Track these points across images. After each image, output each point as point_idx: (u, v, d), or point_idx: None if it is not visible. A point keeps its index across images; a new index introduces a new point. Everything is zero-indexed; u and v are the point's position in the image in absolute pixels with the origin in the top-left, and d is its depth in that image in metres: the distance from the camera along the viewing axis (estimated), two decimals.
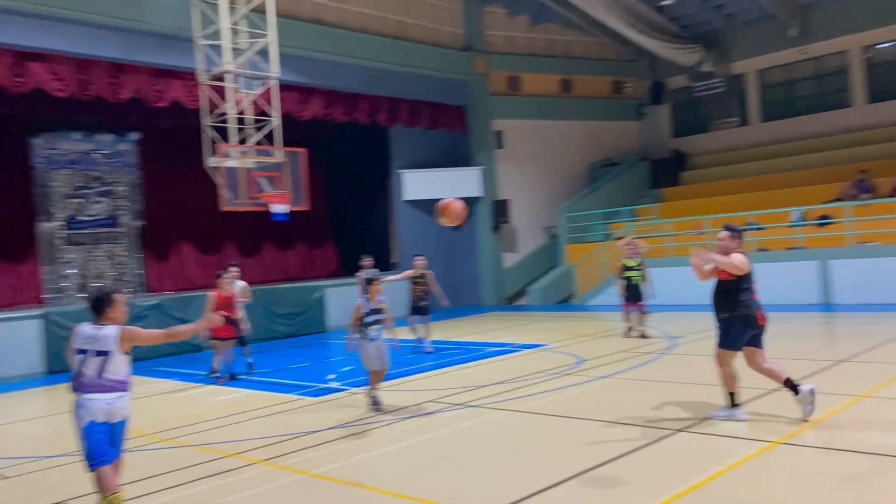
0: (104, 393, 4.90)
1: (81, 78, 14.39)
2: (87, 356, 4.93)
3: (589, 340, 12.69)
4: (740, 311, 6.49)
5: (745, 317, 6.49)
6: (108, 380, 4.93)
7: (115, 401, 4.94)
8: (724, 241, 6.68)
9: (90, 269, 18.04)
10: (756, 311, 6.54)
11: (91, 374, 4.91)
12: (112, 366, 4.94)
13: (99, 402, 4.88)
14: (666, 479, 5.22)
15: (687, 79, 23.43)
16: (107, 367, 4.92)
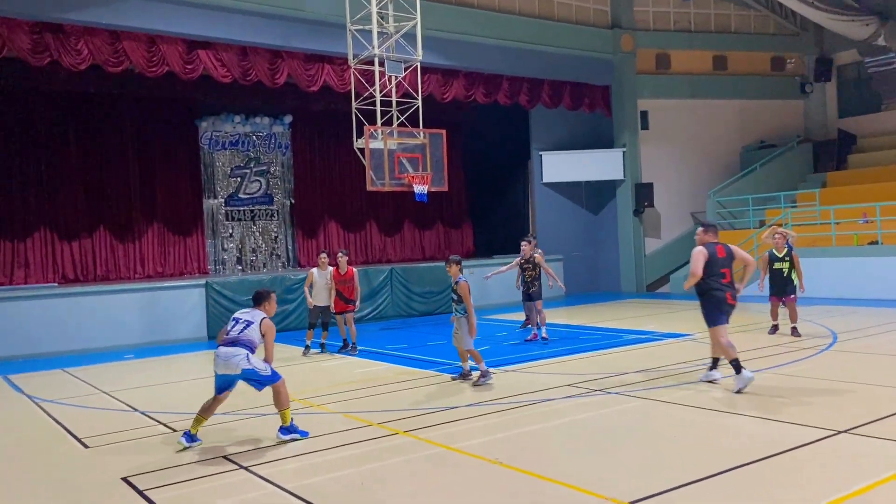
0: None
1: (243, 64, 15.40)
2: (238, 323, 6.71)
3: (737, 332, 11.97)
4: (710, 296, 7.76)
5: (716, 299, 7.73)
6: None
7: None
8: (698, 236, 8.12)
9: (247, 244, 19.39)
10: (724, 293, 7.72)
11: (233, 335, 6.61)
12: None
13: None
14: (826, 482, 4.84)
15: (858, 54, 21.36)
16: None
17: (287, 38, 15.54)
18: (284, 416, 6.54)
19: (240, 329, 6.57)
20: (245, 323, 6.61)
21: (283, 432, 6.52)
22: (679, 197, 21.76)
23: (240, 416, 7.60)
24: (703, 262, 7.76)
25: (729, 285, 7.86)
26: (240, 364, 6.40)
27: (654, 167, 21.33)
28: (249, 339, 6.51)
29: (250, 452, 6.21)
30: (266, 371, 6.51)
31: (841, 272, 16.44)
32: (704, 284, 7.77)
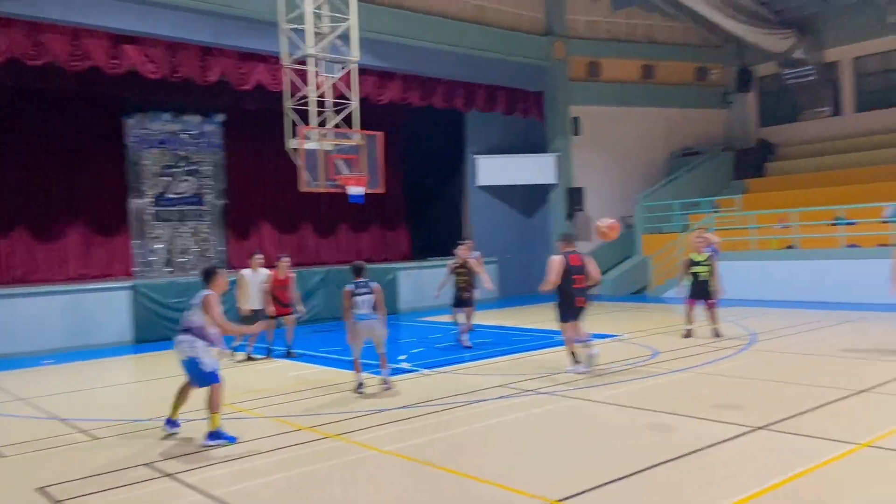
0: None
1: (172, 60, 14.98)
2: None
3: (664, 333, 12.40)
4: (563, 298, 9.02)
5: (568, 300, 9.00)
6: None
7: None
8: (558, 245, 9.39)
9: (176, 245, 18.86)
10: (575, 296, 9.04)
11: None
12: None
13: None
14: (744, 477, 5.07)
15: (776, 66, 22.43)
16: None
17: (218, 34, 15.21)
18: (214, 420, 6.47)
19: (190, 315, 6.73)
20: (192, 307, 6.75)
21: (209, 438, 6.41)
22: (609, 201, 22.32)
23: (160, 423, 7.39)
24: (558, 269, 8.91)
25: (581, 290, 9.07)
26: (185, 350, 6.56)
27: (585, 172, 21.83)
28: (196, 323, 6.60)
29: (176, 459, 6.06)
30: (207, 367, 6.53)
31: (760, 275, 17.22)
32: (560, 288, 8.99)
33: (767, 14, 21.09)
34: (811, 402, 6.99)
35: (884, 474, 5.06)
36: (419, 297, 17.93)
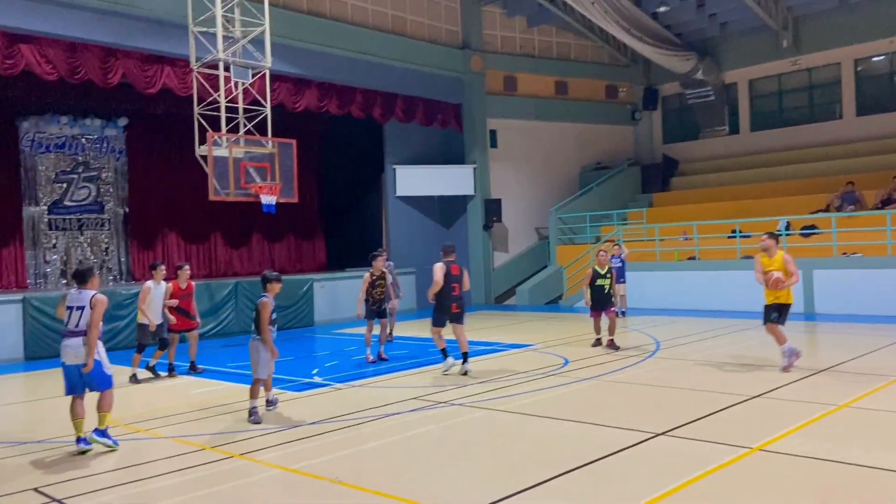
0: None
1: (71, 61, 14.25)
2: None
3: (575, 342, 12.70)
4: (440, 303, 9.82)
5: (443, 306, 9.83)
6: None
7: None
8: (443, 254, 10.10)
9: (73, 255, 17.88)
10: (451, 303, 9.84)
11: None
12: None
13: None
14: (645, 482, 5.22)
15: (679, 86, 23.51)
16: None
17: (122, 35, 14.57)
18: (104, 418, 6.66)
19: (77, 318, 6.64)
20: (79, 310, 6.67)
21: (97, 434, 6.59)
22: (525, 213, 22.77)
23: (55, 444, 6.95)
24: (442, 275, 9.69)
25: (456, 297, 9.91)
26: (84, 355, 6.59)
27: (502, 184, 22.19)
28: (85, 327, 6.66)
29: (67, 483, 5.70)
30: (109, 370, 6.77)
31: (664, 285, 17.95)
32: (440, 294, 9.78)
33: (671, 36, 22.11)
34: (709, 408, 7.29)
35: (774, 477, 5.32)
36: (335, 308, 17.69)
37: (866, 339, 11.84)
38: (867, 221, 16.21)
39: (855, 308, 15.04)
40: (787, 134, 22.15)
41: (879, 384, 8.23)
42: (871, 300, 14.90)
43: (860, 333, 12.58)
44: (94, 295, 6.69)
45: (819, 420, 6.76)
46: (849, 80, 21.05)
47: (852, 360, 9.95)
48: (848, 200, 17.55)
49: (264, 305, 7.74)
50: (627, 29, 19.53)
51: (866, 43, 20.38)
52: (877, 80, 20.90)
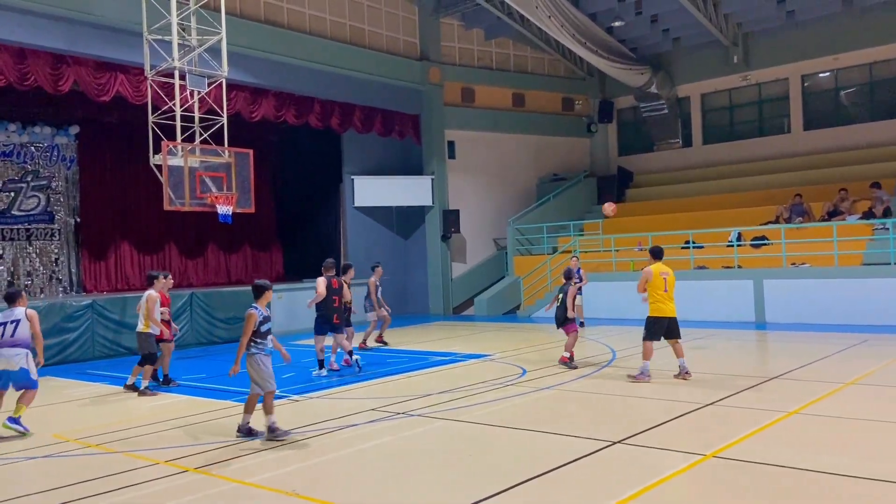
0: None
1: (20, 67, 13.88)
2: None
3: (533, 352, 12.80)
4: (322, 314, 10.92)
5: (324, 317, 10.90)
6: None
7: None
8: (324, 269, 11.22)
9: (21, 266, 17.33)
10: (332, 314, 10.92)
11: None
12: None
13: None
14: (600, 490, 5.29)
15: (634, 99, 24.00)
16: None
17: (73, 41, 14.24)
18: (20, 409, 7.68)
19: (12, 331, 7.65)
20: (13, 323, 7.67)
21: (10, 421, 7.54)
22: (483, 224, 22.91)
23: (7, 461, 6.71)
24: (324, 287, 10.82)
25: (336, 308, 10.99)
26: (19, 362, 7.64)
27: (460, 195, 22.29)
28: (25, 337, 7.72)
29: (15, 501, 5.50)
30: (35, 375, 7.75)
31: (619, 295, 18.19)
32: (321, 305, 10.88)
33: (625, 50, 22.58)
34: (664, 416, 7.42)
35: (728, 483, 5.44)
36: (292, 320, 17.48)
37: (815, 347, 12.21)
38: (815, 233, 16.75)
39: (804, 317, 15.50)
40: (737, 147, 22.78)
41: (827, 391, 8.50)
42: (819, 309, 15.37)
43: (809, 341, 12.96)
44: (27, 310, 7.84)
45: (770, 426, 6.94)
46: (796, 96, 21.78)
47: (801, 367, 10.24)
48: (796, 212, 18.12)
49: (250, 317, 7.18)
50: (583, 42, 19.88)
51: (812, 59, 21.13)
52: (823, 96, 21.67)
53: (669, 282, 9.68)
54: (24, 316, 7.75)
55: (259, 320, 7.20)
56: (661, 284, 9.61)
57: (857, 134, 20.70)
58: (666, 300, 9.63)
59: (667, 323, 9.63)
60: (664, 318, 9.61)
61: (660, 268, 9.76)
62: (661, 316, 9.60)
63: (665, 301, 9.62)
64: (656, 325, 9.65)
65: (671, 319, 9.64)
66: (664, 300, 9.62)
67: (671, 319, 9.64)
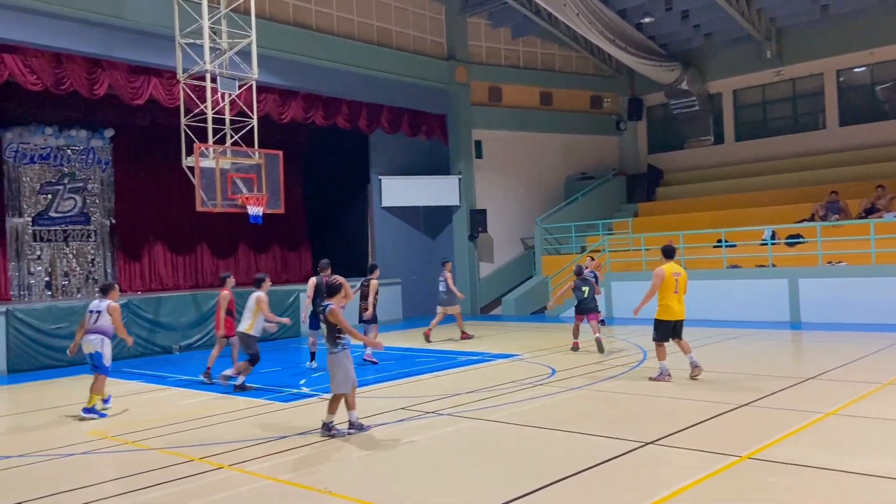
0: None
1: (57, 72, 14.18)
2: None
3: (561, 352, 12.72)
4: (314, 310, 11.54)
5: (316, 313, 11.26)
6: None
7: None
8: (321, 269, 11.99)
9: (58, 267, 17.71)
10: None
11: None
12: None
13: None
14: (633, 491, 5.24)
15: (664, 96, 23.73)
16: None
17: (108, 46, 14.51)
18: (93, 399, 8.64)
19: (95, 319, 8.79)
20: (97, 313, 8.80)
21: (85, 411, 8.52)
22: (510, 223, 22.84)
23: (39, 458, 6.87)
24: (312, 285, 11.65)
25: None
26: (95, 346, 8.69)
27: (487, 194, 22.25)
28: (105, 326, 8.77)
29: (52, 497, 5.62)
30: (108, 361, 8.81)
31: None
32: (315, 302, 11.46)
33: (655, 47, 22.34)
34: (697, 417, 7.32)
35: (764, 485, 5.35)
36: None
37: (852, 347, 11.95)
38: (851, 230, 16.40)
39: (840, 316, 15.18)
40: (771, 144, 22.40)
41: (865, 391, 8.31)
42: (856, 308, 15.05)
43: (846, 341, 12.69)
44: (109, 304, 8.85)
45: (807, 427, 6.81)
46: (831, 91, 21.34)
47: (838, 367, 10.03)
48: (832, 210, 17.76)
49: (334, 313, 7.05)
50: (612, 40, 19.71)
51: (848, 54, 20.68)
52: (859, 91, 21.20)
53: (681, 283, 9.40)
54: (105, 309, 8.77)
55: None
56: (672, 285, 9.33)
57: (894, 129, 20.23)
58: (675, 302, 9.34)
59: (673, 325, 9.39)
60: (671, 321, 9.37)
61: (672, 268, 9.49)
62: (668, 319, 9.36)
63: (675, 302, 9.34)
64: (663, 327, 9.42)
65: (678, 322, 9.39)
66: (673, 301, 9.34)
67: (678, 322, 9.39)
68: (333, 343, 7.10)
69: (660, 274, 9.36)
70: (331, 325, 7.10)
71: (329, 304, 7.18)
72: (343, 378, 7.09)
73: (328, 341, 7.17)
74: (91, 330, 8.76)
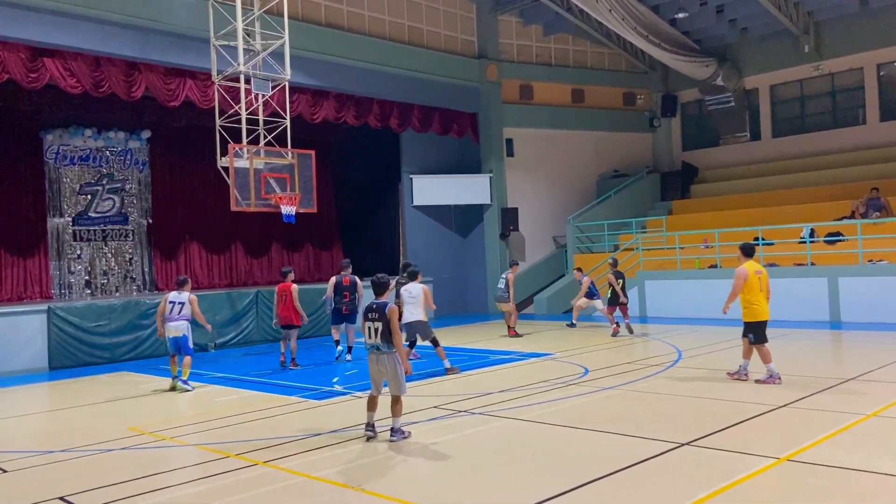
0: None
1: (95, 75, 14.47)
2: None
3: (594, 351, 12.62)
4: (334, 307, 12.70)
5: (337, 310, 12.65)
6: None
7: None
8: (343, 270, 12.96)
9: (97, 266, 18.10)
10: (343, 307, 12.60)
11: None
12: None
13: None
14: (669, 493, 5.16)
15: (699, 92, 23.38)
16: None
17: (145, 49, 14.78)
18: (186, 371, 10.30)
19: (179, 309, 10.26)
20: (180, 304, 10.28)
21: (183, 383, 10.27)
22: (542, 221, 22.71)
23: (80, 453, 7.03)
24: (332, 284, 12.60)
25: (348, 303, 12.49)
26: (182, 330, 10.26)
27: (518, 193, 22.16)
28: (187, 315, 10.33)
29: (91, 492, 5.74)
30: (191, 343, 10.44)
31: (685, 293, 17.77)
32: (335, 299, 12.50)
33: (689, 42, 22.01)
34: (734, 418, 7.20)
35: (803, 487, 5.24)
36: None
37: (894, 347, 11.64)
38: (893, 228, 15.97)
39: (881, 316, 14.79)
40: (809, 140, 21.92)
41: None
42: None
43: (887, 342, 12.36)
44: (188, 295, 10.38)
45: (847, 429, 6.65)
46: (872, 85, 20.80)
47: (879, 368, 9.78)
48: (873, 207, 17.32)
49: (393, 312, 6.91)
50: (645, 36, 19.47)
51: (888, 48, 20.15)
52: None
53: (764, 281, 9.07)
54: (187, 300, 10.26)
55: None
56: (756, 284, 8.97)
57: None
58: (762, 301, 9.00)
59: (765, 325, 9.04)
60: (764, 321, 9.02)
61: (753, 266, 9.14)
62: (760, 319, 8.99)
63: (762, 302, 8.99)
64: (759, 328, 9.00)
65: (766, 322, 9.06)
66: (760, 301, 8.98)
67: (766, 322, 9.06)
68: (389, 343, 6.91)
69: (742, 274, 9.00)
70: (386, 324, 6.86)
71: (388, 303, 7.02)
72: (403, 379, 6.96)
73: (384, 340, 6.89)
74: (175, 318, 10.21)
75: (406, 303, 10.76)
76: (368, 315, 6.99)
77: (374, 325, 6.93)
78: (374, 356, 7.01)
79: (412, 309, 10.67)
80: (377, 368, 7.02)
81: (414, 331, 10.90)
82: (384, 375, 7.00)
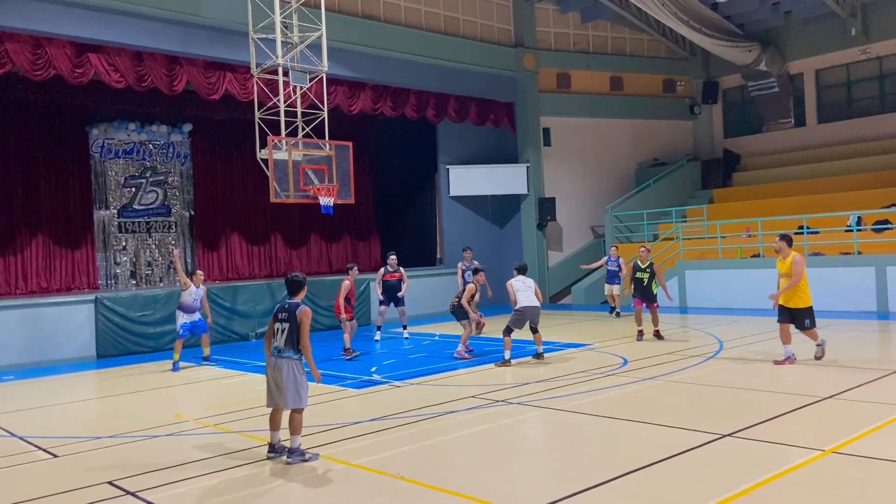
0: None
1: (138, 69, 14.77)
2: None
3: (633, 341, 12.49)
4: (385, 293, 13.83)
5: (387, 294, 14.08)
6: None
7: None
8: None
9: (142, 257, 18.53)
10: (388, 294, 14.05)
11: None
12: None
13: None
14: (710, 485, 5.10)
15: (741, 78, 22.86)
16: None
17: (186, 43, 15.03)
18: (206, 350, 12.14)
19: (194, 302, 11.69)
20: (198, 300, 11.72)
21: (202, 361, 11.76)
22: (579, 211, 22.52)
23: (128, 439, 7.23)
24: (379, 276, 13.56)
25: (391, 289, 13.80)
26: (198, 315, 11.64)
27: (556, 182, 21.99)
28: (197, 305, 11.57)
29: (140, 477, 5.91)
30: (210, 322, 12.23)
31: (726, 283, 17.46)
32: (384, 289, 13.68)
33: (731, 27, 21.52)
34: (777, 409, 7.07)
35: (846, 481, 5.12)
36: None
37: None
38: None
39: None
40: (856, 125, 21.28)
41: None
42: None
43: None
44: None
45: (894, 422, 6.47)
46: None
47: None
48: None
49: (304, 314, 6.44)
50: (686, 21, 19.09)
51: None
52: None
53: None
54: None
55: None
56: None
57: None
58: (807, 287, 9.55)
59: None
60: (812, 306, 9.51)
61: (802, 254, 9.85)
62: (811, 305, 9.50)
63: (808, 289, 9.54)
64: (812, 312, 9.50)
65: None
66: (808, 288, 9.53)
67: None
68: (295, 348, 6.39)
69: (801, 260, 9.44)
70: (295, 327, 6.35)
71: (300, 304, 6.53)
72: (301, 389, 6.38)
73: (287, 345, 6.36)
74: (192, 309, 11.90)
75: (519, 290, 11.02)
76: (278, 315, 6.40)
77: (281, 326, 6.34)
78: (272, 360, 6.35)
79: (528, 295, 10.94)
80: (272, 374, 6.34)
81: (534, 316, 10.92)
82: (278, 383, 6.28)
